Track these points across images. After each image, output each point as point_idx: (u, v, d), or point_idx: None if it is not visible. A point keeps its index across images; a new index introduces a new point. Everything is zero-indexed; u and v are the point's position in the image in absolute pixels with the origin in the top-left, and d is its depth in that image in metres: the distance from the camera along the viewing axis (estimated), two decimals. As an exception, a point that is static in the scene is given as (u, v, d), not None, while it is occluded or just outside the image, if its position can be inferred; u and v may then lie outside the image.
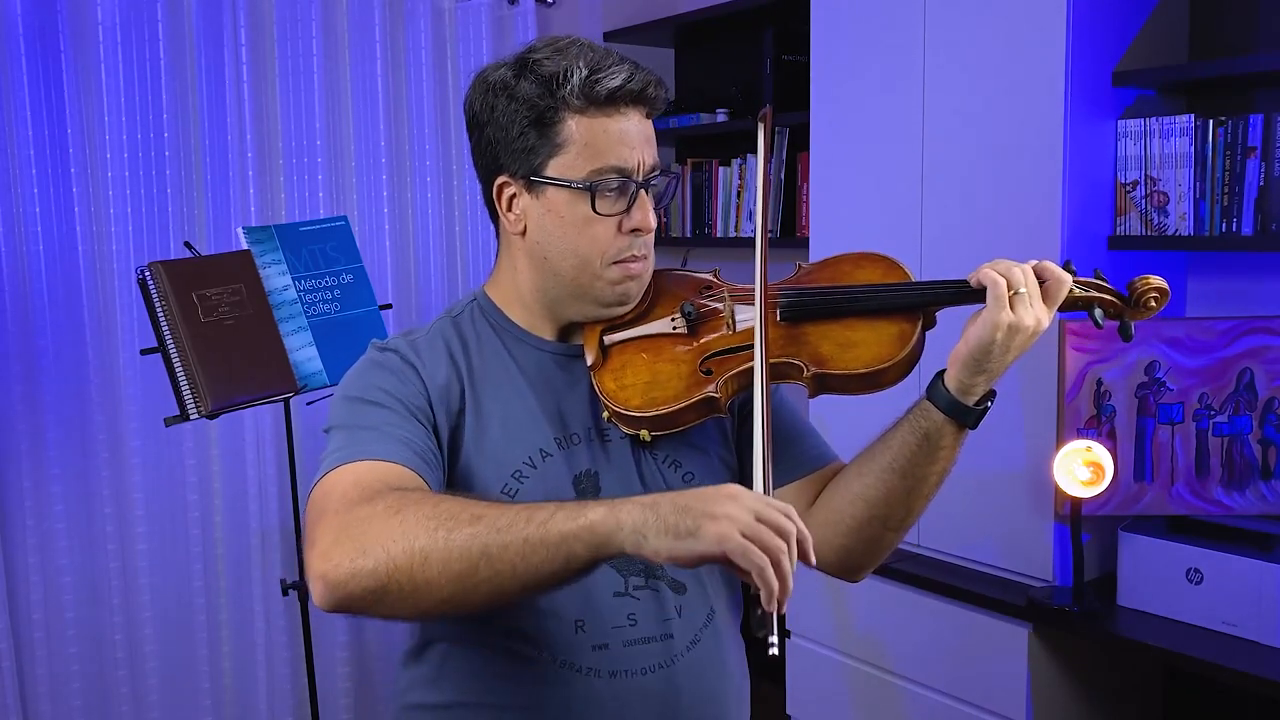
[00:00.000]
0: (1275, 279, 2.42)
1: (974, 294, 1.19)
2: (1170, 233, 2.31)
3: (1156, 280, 1.24)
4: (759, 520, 0.95)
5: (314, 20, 3.13)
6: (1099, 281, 1.26)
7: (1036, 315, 1.17)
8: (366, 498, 1.08)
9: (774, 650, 0.95)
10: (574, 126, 1.21)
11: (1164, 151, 2.30)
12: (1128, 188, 2.36)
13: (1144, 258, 2.45)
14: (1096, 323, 1.25)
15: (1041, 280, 1.19)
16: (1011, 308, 1.16)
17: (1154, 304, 1.25)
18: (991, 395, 1.22)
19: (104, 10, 2.84)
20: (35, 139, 2.79)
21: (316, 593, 1.04)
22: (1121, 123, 2.35)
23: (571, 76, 1.20)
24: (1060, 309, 1.23)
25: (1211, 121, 2.25)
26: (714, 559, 0.96)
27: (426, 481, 1.17)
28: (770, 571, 0.94)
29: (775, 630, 0.95)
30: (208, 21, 2.99)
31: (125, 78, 2.88)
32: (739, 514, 0.95)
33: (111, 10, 2.85)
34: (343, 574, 1.02)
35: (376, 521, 1.03)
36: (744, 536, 0.94)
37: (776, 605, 0.95)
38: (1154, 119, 2.31)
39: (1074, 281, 1.23)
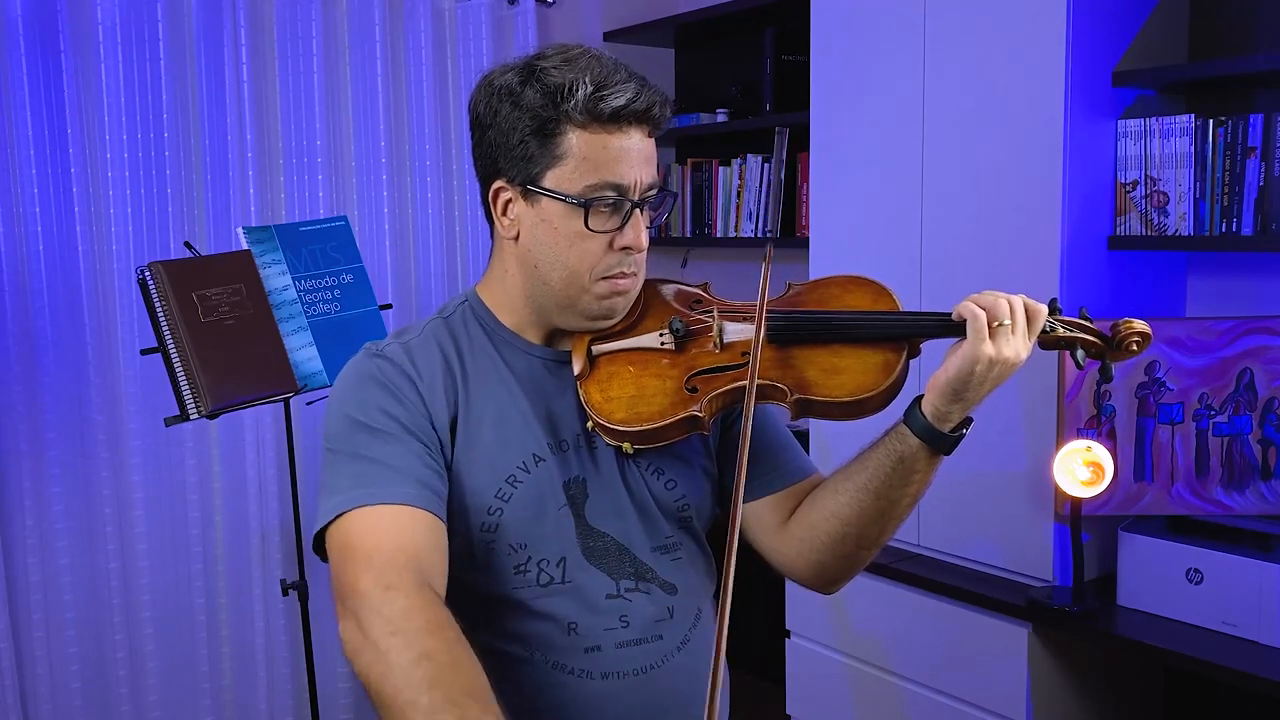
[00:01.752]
0: (1275, 279, 2.42)
1: (957, 327, 1.20)
2: (1170, 233, 2.31)
3: (1139, 324, 1.26)
4: None
5: (314, 20, 3.13)
6: (1082, 322, 1.27)
7: (1016, 348, 1.18)
8: (401, 588, 1.07)
9: None
10: (574, 140, 1.21)
11: (1164, 151, 2.30)
12: (1128, 188, 2.36)
13: (1144, 258, 2.45)
14: (1078, 363, 1.27)
15: None
16: (992, 340, 1.16)
17: (1135, 348, 1.27)
18: (968, 423, 1.22)
19: (104, 10, 2.84)
20: (35, 139, 2.80)
21: (341, 636, 1.09)
22: (1121, 123, 2.35)
23: (577, 90, 1.19)
24: (1043, 347, 1.25)
25: (1211, 121, 2.25)
26: None
27: (438, 515, 1.18)
28: None
29: None
30: (208, 21, 2.99)
31: (125, 78, 2.88)
32: None
33: (111, 10, 2.85)
34: (355, 663, 1.05)
35: (397, 658, 1.02)
36: None
37: None
38: (1154, 119, 2.31)
39: (1058, 321, 1.25)
